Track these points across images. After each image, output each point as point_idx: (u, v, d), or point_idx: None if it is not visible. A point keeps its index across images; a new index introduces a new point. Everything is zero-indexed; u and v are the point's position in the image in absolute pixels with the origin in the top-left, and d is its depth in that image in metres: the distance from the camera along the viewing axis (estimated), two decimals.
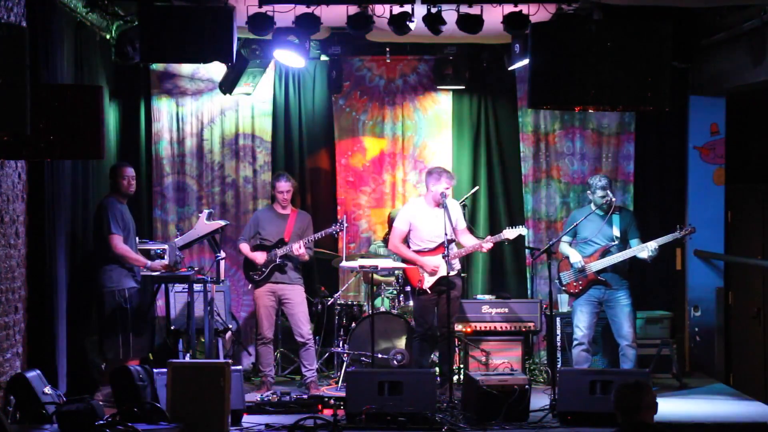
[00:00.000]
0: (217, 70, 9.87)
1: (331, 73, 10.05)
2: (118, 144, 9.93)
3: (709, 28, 9.21)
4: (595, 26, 6.26)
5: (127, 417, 6.60)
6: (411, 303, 8.99)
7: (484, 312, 9.33)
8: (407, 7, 8.16)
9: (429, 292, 8.52)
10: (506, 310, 9.36)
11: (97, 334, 8.45)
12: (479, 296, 9.74)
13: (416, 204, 8.83)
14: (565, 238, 8.71)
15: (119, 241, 8.15)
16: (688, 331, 10.18)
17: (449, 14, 8.19)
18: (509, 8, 8.18)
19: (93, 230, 8.42)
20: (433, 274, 8.51)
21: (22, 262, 7.40)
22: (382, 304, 9.41)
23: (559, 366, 8.86)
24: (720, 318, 10.19)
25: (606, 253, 8.57)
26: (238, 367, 7.66)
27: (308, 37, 8.69)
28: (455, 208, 8.69)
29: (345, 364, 8.92)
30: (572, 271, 8.61)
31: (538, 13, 8.20)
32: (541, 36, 6.26)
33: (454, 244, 8.45)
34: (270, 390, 8.61)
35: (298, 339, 8.86)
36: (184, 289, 9.07)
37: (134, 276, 8.30)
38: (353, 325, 9.09)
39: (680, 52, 8.63)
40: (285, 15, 8.26)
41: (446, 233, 8.25)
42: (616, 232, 8.59)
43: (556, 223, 10.22)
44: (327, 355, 9.56)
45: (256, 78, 9.73)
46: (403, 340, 9.01)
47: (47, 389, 7.00)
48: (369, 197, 10.40)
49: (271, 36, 8.62)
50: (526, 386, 7.62)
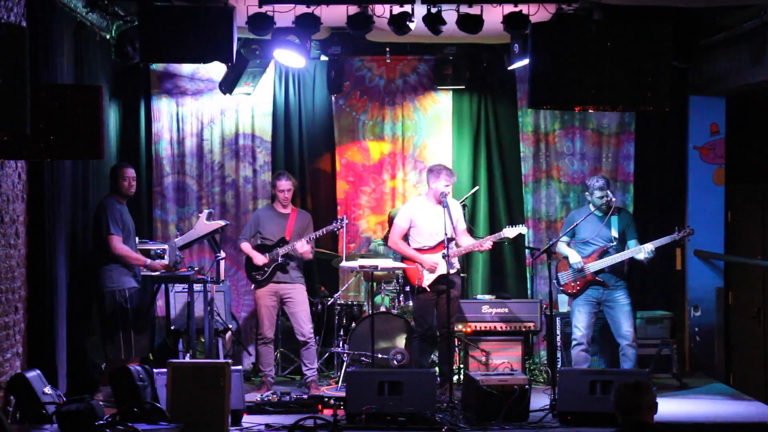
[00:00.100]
0: (217, 70, 9.87)
1: (330, 73, 10.03)
2: (118, 144, 9.92)
3: (709, 28, 9.20)
4: (595, 26, 6.27)
5: (127, 417, 6.59)
6: (411, 303, 8.98)
7: (484, 312, 9.33)
8: (407, 7, 8.15)
9: (428, 290, 8.52)
10: (506, 310, 9.36)
11: (98, 334, 8.46)
12: (479, 296, 9.74)
13: (417, 201, 8.85)
14: (564, 238, 8.72)
15: (118, 242, 8.15)
16: (688, 331, 10.18)
17: (449, 14, 8.19)
18: (509, 8, 8.17)
19: (92, 230, 8.43)
20: (432, 271, 8.50)
21: (22, 262, 7.39)
22: (383, 302, 9.41)
23: (558, 366, 8.86)
24: (720, 318, 10.19)
25: (604, 253, 8.57)
26: (238, 367, 7.65)
27: (309, 37, 8.68)
28: (456, 208, 8.69)
29: (345, 364, 8.92)
30: (570, 271, 8.62)
31: (538, 13, 8.19)
32: (541, 36, 6.26)
33: (453, 243, 8.46)
34: (270, 390, 8.61)
35: (300, 338, 8.86)
36: (184, 289, 9.09)
37: (135, 276, 8.30)
38: (353, 325, 9.09)
39: (680, 52, 8.61)
40: (285, 15, 8.26)
41: (446, 231, 8.26)
42: (615, 233, 8.59)
43: (556, 223, 10.21)
44: (327, 355, 9.55)
45: (256, 78, 9.73)
46: (403, 340, 9.01)
47: (47, 389, 6.99)
48: (369, 197, 10.39)
49: (270, 36, 8.62)
50: (526, 386, 7.62)
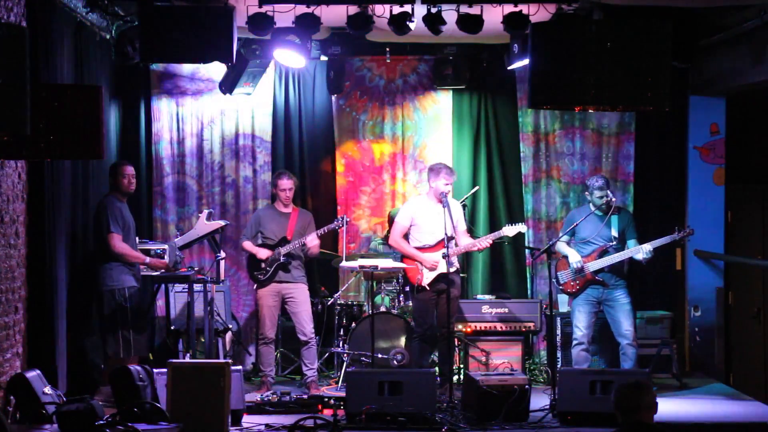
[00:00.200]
0: (217, 70, 9.87)
1: (330, 73, 10.03)
2: (118, 144, 9.92)
3: (709, 28, 9.20)
4: (595, 26, 6.24)
5: (127, 417, 6.58)
6: (411, 303, 8.98)
7: (484, 312, 9.33)
8: (407, 7, 8.16)
9: (428, 288, 8.52)
10: (506, 310, 9.37)
11: (97, 334, 8.45)
12: (479, 296, 9.74)
13: (418, 200, 8.86)
14: (564, 237, 8.72)
15: (118, 240, 8.15)
16: (688, 331, 10.17)
17: (449, 14, 8.19)
18: (509, 8, 8.18)
19: (93, 229, 8.43)
20: (432, 269, 8.50)
21: (22, 262, 7.39)
22: (383, 302, 9.41)
23: (558, 366, 8.86)
24: (720, 318, 10.19)
25: (604, 253, 8.58)
26: (238, 367, 7.64)
27: (309, 37, 8.68)
28: (456, 208, 8.69)
29: (345, 364, 8.92)
30: (570, 270, 8.62)
31: (538, 13, 8.20)
32: (541, 36, 6.24)
33: (453, 242, 8.46)
34: (270, 390, 8.60)
35: (301, 337, 8.86)
36: (184, 289, 9.09)
37: (135, 275, 8.30)
38: (353, 325, 9.09)
39: (680, 52, 8.61)
40: (285, 15, 8.26)
41: (446, 230, 8.26)
42: (615, 233, 8.59)
43: (556, 223, 10.21)
44: (327, 355, 9.54)
45: (256, 78, 9.73)
46: (403, 340, 9.01)
47: (47, 389, 6.99)
48: (369, 197, 10.39)
49: (270, 36, 8.62)
50: (526, 386, 7.62)
